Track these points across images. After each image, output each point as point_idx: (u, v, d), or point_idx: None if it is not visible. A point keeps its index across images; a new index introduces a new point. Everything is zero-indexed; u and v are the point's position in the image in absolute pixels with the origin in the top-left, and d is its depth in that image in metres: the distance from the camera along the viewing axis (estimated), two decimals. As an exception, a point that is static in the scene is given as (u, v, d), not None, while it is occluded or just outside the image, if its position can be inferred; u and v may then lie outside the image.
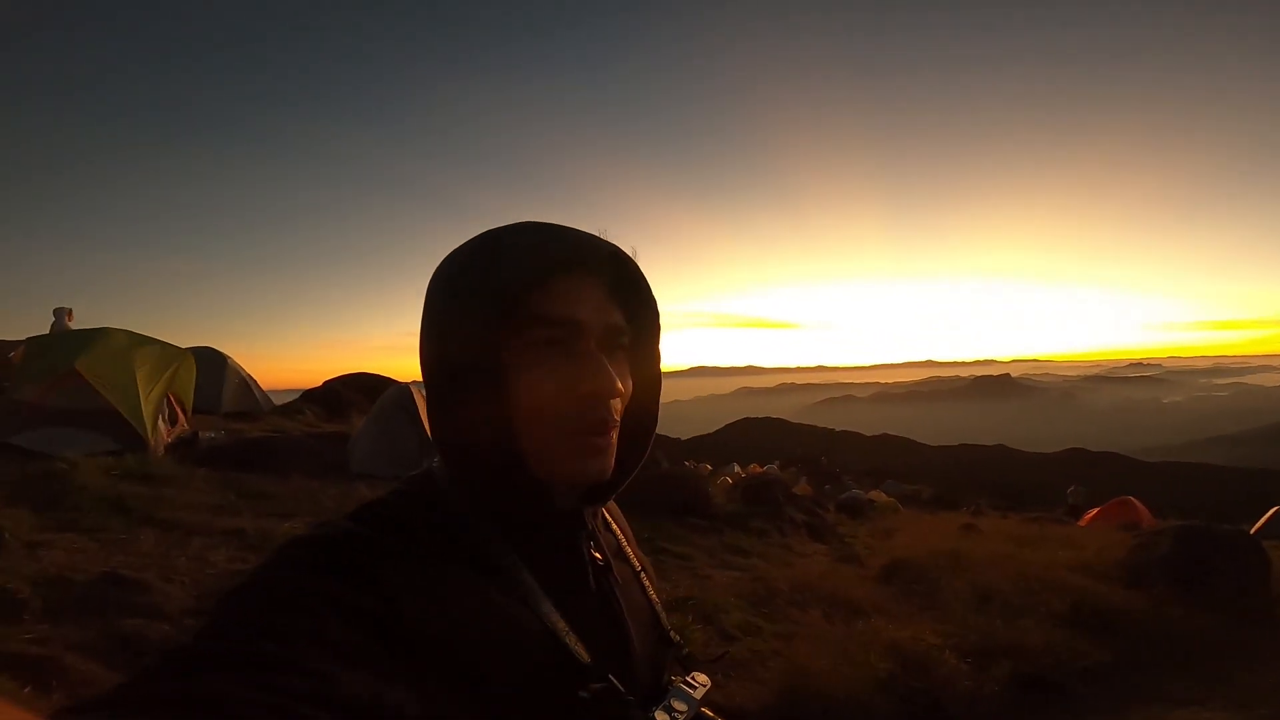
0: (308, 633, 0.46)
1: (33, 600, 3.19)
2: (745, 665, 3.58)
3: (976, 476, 56.32)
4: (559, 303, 0.64)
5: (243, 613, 0.48)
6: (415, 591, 0.54)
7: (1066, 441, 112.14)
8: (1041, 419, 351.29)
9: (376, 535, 0.58)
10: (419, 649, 0.51)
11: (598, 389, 0.63)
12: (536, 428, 0.63)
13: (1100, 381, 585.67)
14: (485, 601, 0.59)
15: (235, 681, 0.41)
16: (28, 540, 4.03)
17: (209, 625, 0.47)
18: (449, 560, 0.60)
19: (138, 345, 7.71)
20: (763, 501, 9.27)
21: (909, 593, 5.48)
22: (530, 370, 0.63)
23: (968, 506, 17.93)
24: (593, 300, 0.66)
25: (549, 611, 0.62)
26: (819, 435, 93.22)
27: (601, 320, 0.66)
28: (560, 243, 0.65)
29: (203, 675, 0.41)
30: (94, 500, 5.01)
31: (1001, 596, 5.00)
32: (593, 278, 0.67)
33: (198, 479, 6.21)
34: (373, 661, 0.47)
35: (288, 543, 0.56)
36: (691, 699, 0.71)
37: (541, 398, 0.63)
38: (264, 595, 0.49)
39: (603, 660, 0.63)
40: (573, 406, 0.63)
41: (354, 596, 0.51)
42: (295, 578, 0.51)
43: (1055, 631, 4.22)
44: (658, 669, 0.76)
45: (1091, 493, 16.73)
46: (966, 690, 3.31)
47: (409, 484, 0.68)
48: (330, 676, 0.44)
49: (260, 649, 0.44)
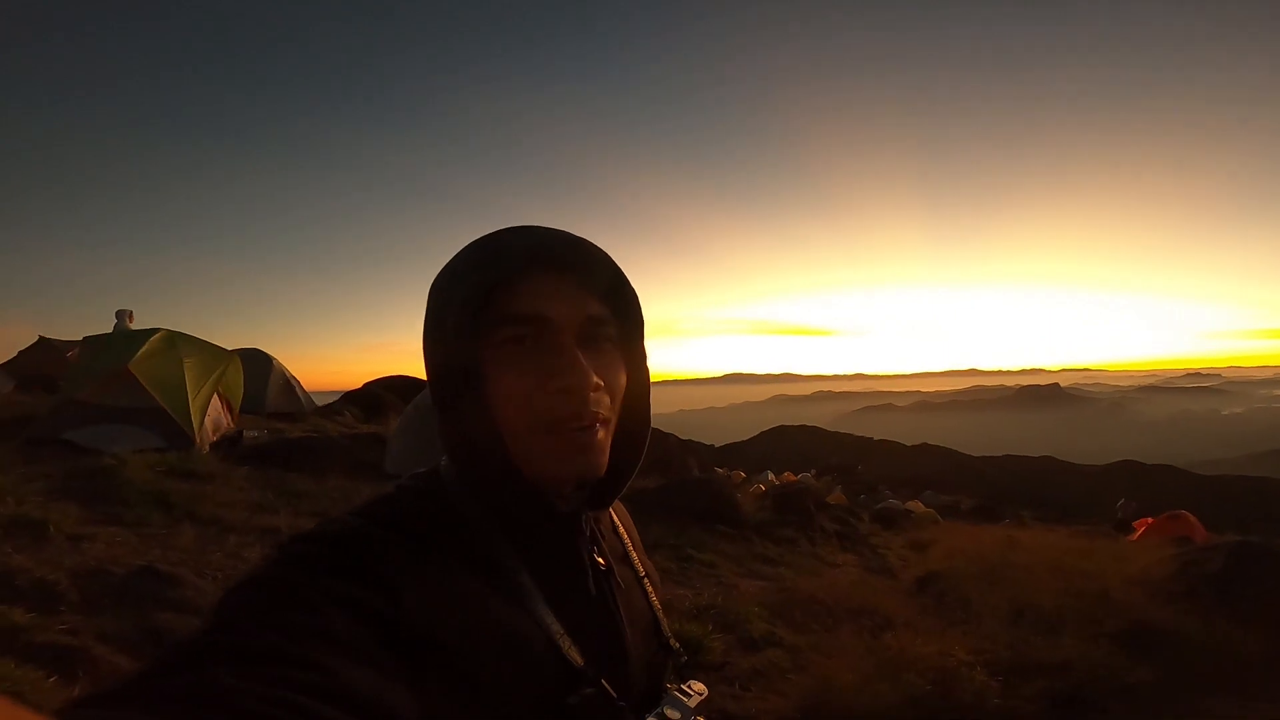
0: (312, 628, 0.47)
1: (70, 592, 3.32)
2: (766, 676, 3.51)
3: (1021, 488, 54.68)
4: (526, 300, 0.64)
5: (248, 607, 0.49)
6: (417, 591, 0.55)
7: (1118, 453, 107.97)
8: (1091, 430, 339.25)
9: (379, 532, 0.58)
10: (418, 648, 0.52)
11: (570, 382, 0.63)
12: (517, 429, 0.64)
13: (1155, 392, 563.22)
14: (483, 602, 0.59)
15: (241, 674, 0.41)
16: (71, 533, 4.19)
17: (214, 619, 0.48)
18: (449, 559, 0.60)
19: (187, 346, 8.01)
20: (794, 510, 9.13)
21: (941, 606, 5.33)
22: (503, 370, 0.63)
23: (1010, 518, 17.41)
24: (563, 295, 0.66)
25: (545, 614, 0.62)
26: (856, 444, 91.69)
27: (576, 313, 0.66)
28: (522, 243, 0.66)
29: (209, 668, 0.42)
30: (138, 495, 5.19)
31: (1040, 611, 4.82)
32: (566, 274, 0.67)
33: (239, 477, 6.41)
34: (375, 659, 0.48)
35: (292, 539, 0.57)
36: (685, 707, 0.71)
37: (516, 396, 0.63)
38: (269, 590, 0.50)
39: (597, 665, 0.63)
40: (551, 403, 0.63)
41: (357, 593, 0.51)
42: (299, 574, 0.52)
43: (1095, 648, 4.04)
44: (655, 676, 0.76)
45: (1143, 506, 16.06)
46: (995, 709, 3.19)
47: (414, 481, 0.69)
48: (334, 672, 0.44)
49: (266, 642, 0.44)
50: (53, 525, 4.16)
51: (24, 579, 3.33)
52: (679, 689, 0.73)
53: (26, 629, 2.88)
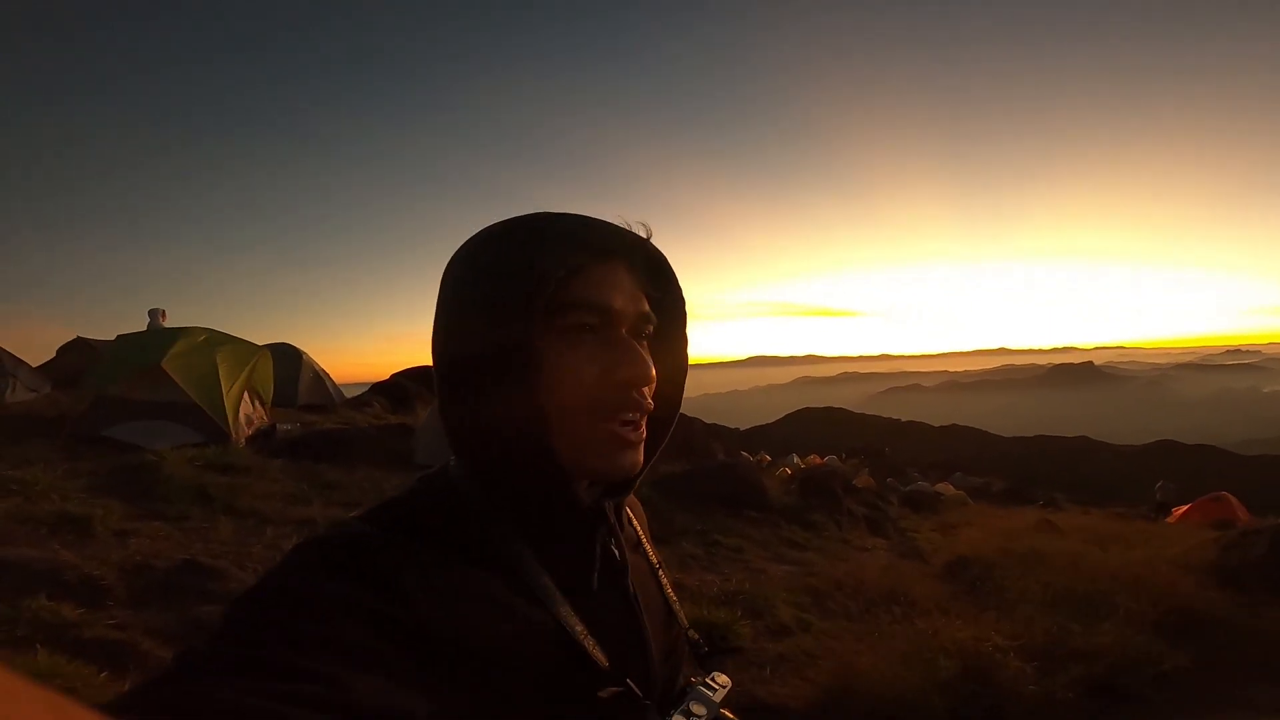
0: (319, 637, 0.46)
1: (117, 587, 3.42)
2: (793, 661, 3.50)
3: (1054, 469, 53.72)
4: (596, 289, 0.63)
5: (254, 616, 0.48)
6: (429, 594, 0.54)
7: (1155, 433, 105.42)
8: (1128, 409, 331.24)
9: (390, 536, 0.57)
10: (433, 653, 0.51)
11: (636, 375, 0.63)
12: (570, 417, 0.62)
13: (1193, 370, 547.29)
14: (501, 604, 0.58)
15: (246, 687, 0.41)
16: (116, 529, 4.33)
17: (221, 629, 0.47)
18: (464, 561, 0.59)
19: (219, 342, 8.19)
20: (821, 494, 9.07)
21: (974, 591, 5.26)
22: (567, 356, 0.62)
23: (1043, 501, 17.11)
24: (625, 288, 0.66)
25: (566, 614, 0.61)
26: (883, 426, 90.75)
27: (633, 308, 0.65)
28: (595, 230, 0.66)
29: (213, 680, 0.41)
30: (178, 490, 5.34)
31: (1076, 596, 4.73)
32: (625, 265, 0.67)
33: (274, 469, 6.56)
34: (385, 666, 0.47)
35: (300, 544, 0.56)
36: (710, 701, 0.69)
37: (580, 384, 0.62)
38: (276, 599, 0.49)
39: (621, 663, 0.62)
40: (610, 393, 0.62)
41: (367, 600, 0.50)
42: (308, 581, 0.51)
43: (1133, 634, 3.96)
44: (674, 668, 0.75)
45: (1182, 488, 15.68)
46: (1031, 695, 3.14)
47: (425, 482, 0.67)
48: (342, 681, 0.43)
49: (271, 653, 0.44)
50: (97, 521, 4.28)
51: (72, 574, 3.43)
52: (703, 682, 0.72)
53: (76, 624, 2.97)
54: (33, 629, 2.84)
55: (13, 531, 4.00)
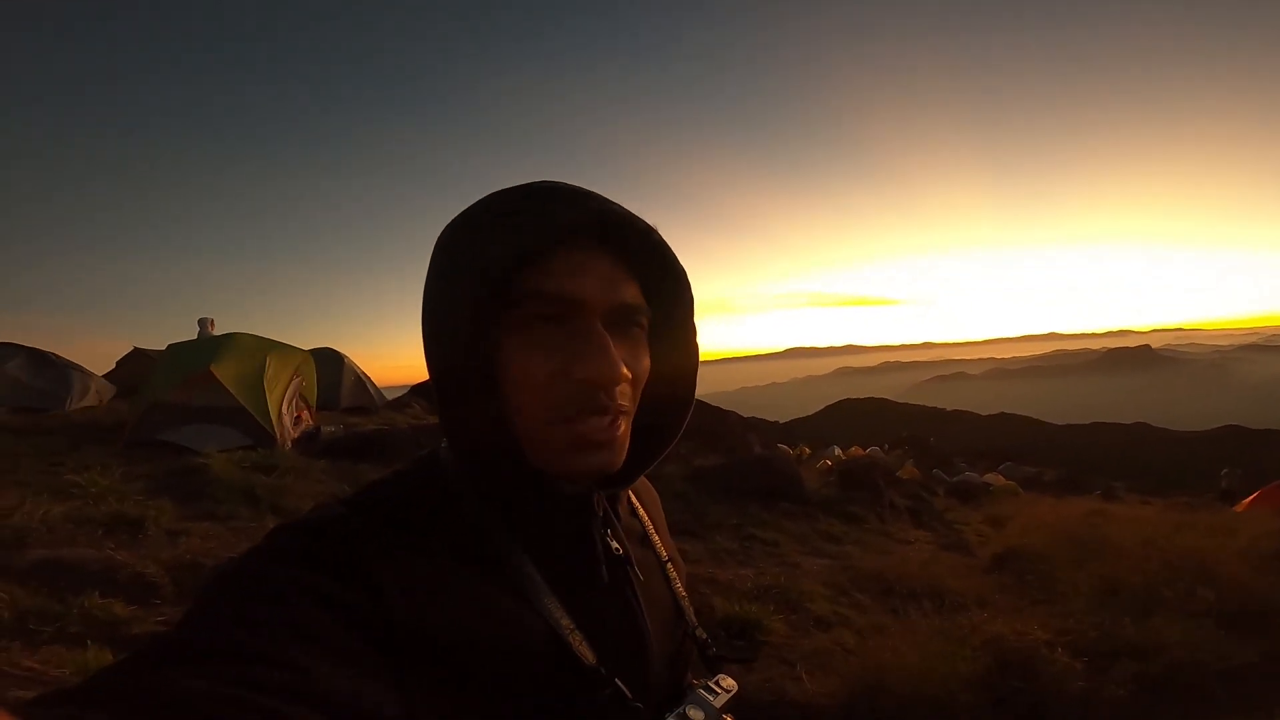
0: (287, 625, 0.45)
1: (166, 585, 3.56)
2: (826, 656, 3.43)
3: (1111, 458, 51.80)
4: (556, 278, 0.58)
5: (221, 603, 0.47)
6: (405, 584, 0.52)
7: (1219, 418, 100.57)
8: (1189, 394, 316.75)
9: (369, 523, 0.56)
10: (406, 645, 0.49)
11: (597, 373, 0.57)
12: (529, 417, 0.59)
13: (1258, 351, 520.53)
14: (482, 596, 0.56)
15: (204, 674, 0.40)
16: (169, 529, 4.50)
17: (189, 615, 0.47)
18: (446, 550, 0.57)
19: (265, 348, 8.44)
20: (861, 486, 8.90)
21: (1021, 584, 5.08)
22: (523, 353, 0.58)
23: (1099, 490, 16.48)
24: (598, 274, 0.60)
25: (553, 608, 0.58)
26: (927, 415, 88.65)
27: (609, 297, 0.60)
28: (558, 209, 0.59)
29: (174, 668, 0.41)
30: (227, 491, 5.53)
31: (1131, 589, 4.51)
32: (599, 248, 0.60)
33: (317, 470, 6.75)
34: (354, 657, 0.46)
35: (276, 530, 0.55)
36: (709, 705, 0.65)
37: (532, 382, 0.58)
38: (244, 586, 0.48)
39: (611, 662, 0.59)
40: (568, 392, 0.58)
41: (338, 589, 0.49)
42: (278, 568, 0.50)
43: (1193, 628, 3.75)
44: (679, 669, 0.71)
45: (1250, 475, 14.89)
46: (1078, 692, 3.00)
47: (414, 466, 0.65)
48: (307, 671, 0.42)
49: (236, 641, 0.43)
50: (150, 522, 4.47)
51: (124, 573, 3.58)
52: (705, 685, 0.67)
53: (126, 621, 3.10)
54: (84, 625, 2.97)
55: (71, 533, 4.20)
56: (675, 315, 0.67)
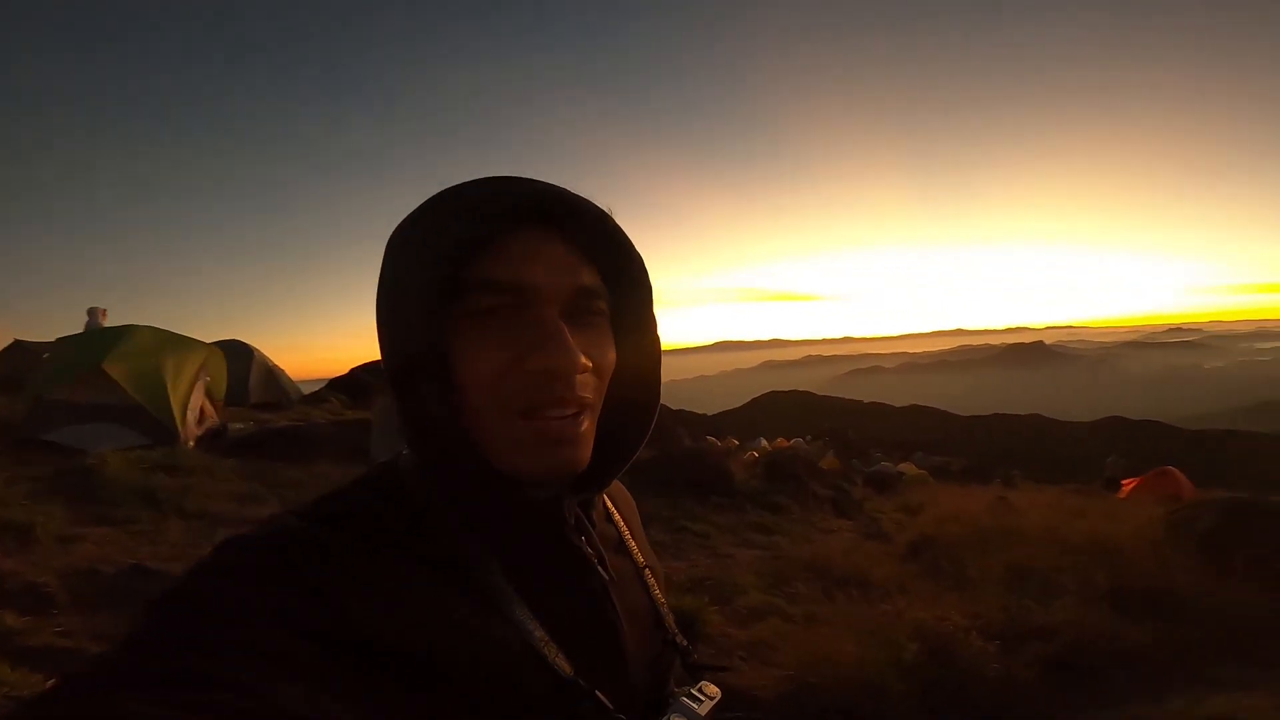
0: (239, 645, 0.41)
1: (61, 593, 3.30)
2: (761, 647, 3.53)
3: (1010, 447, 55.54)
4: (504, 264, 0.55)
5: (170, 622, 0.43)
6: (362, 598, 0.48)
7: (1104, 410, 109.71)
8: (1077, 387, 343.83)
9: (326, 534, 0.51)
10: (368, 663, 0.46)
11: (552, 363, 0.54)
12: (485, 414, 0.55)
13: (1138, 348, 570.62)
14: (451, 609, 0.52)
15: (158, 698, 0.37)
16: (59, 535, 4.16)
17: (134, 635, 0.43)
18: (409, 561, 0.53)
19: (164, 342, 7.87)
20: (786, 477, 9.17)
21: (936, 571, 5.36)
22: (473, 345, 0.55)
23: (1001, 478, 17.60)
24: (552, 259, 0.57)
25: (525, 618, 0.55)
26: (846, 407, 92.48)
27: (563, 282, 0.57)
28: (506, 195, 0.56)
29: (124, 690, 0.38)
30: (124, 493, 5.15)
31: (1035, 574, 4.86)
32: (550, 233, 0.58)
33: (225, 469, 6.37)
34: (308, 675, 0.42)
35: (226, 543, 0.50)
36: (694, 714, 0.63)
37: (486, 376, 0.55)
38: (194, 604, 0.44)
39: (589, 673, 0.56)
40: (524, 384, 0.55)
41: (289, 602, 0.45)
42: (229, 585, 0.46)
43: (1091, 611, 4.08)
44: (660, 678, 0.69)
45: (1130, 463, 16.26)
46: (994, 674, 3.21)
47: (374, 473, 0.61)
48: (259, 691, 0.39)
49: (185, 664, 0.40)
50: (39, 527, 4.12)
51: (14, 582, 3.34)
52: (688, 693, 0.65)
53: (19, 632, 2.88)
54: (-29, 639, 2.70)
55: (-52, 543, 3.80)
56: (633, 304, 0.65)
